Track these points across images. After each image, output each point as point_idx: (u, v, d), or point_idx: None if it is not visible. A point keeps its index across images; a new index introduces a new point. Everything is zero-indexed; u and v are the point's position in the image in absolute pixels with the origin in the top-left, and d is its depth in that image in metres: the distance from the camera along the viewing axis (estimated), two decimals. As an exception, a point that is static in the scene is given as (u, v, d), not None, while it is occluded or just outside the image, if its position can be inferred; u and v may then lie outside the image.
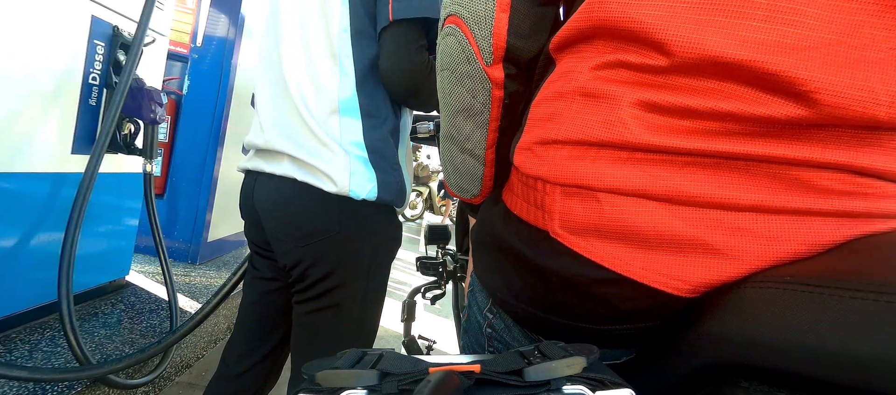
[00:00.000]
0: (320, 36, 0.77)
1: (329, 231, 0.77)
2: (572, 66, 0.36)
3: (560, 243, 0.34)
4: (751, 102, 0.27)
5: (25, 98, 1.19)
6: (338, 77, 0.76)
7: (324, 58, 0.77)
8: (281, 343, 0.93)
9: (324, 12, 0.76)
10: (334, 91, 0.76)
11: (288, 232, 0.78)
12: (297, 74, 0.78)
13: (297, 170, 0.77)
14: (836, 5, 0.25)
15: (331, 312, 0.81)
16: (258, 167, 0.83)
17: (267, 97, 0.82)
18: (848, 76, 0.25)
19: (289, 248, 0.79)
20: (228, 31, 2.34)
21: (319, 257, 0.78)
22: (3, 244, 1.20)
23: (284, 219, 0.79)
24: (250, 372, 0.90)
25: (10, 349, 1.21)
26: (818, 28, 0.26)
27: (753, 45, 0.26)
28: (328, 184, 0.75)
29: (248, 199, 0.86)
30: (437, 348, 1.50)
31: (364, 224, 0.79)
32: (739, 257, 0.29)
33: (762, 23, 0.26)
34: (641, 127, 0.31)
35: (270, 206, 0.80)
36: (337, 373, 0.24)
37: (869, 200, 0.28)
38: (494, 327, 0.45)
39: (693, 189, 0.29)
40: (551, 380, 0.24)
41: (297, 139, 0.77)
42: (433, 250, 1.40)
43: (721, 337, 0.27)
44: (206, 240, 2.42)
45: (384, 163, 0.79)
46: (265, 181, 0.81)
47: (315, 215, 0.77)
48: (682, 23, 0.28)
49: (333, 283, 0.79)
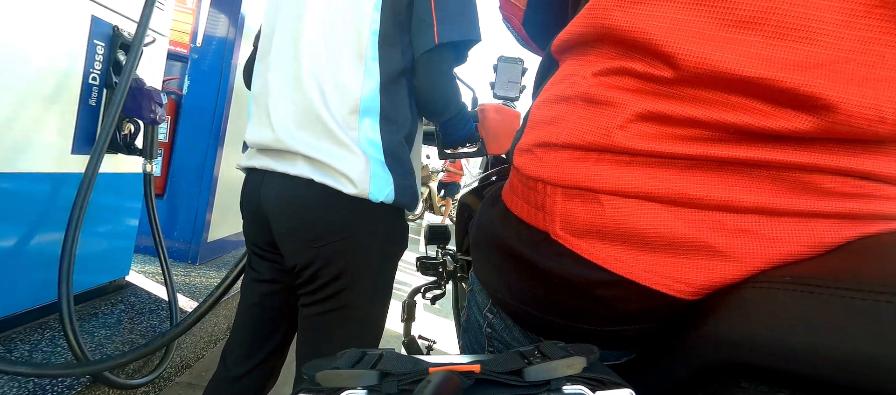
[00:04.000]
0: (348, 36, 0.76)
1: (343, 232, 0.77)
2: (575, 69, 0.36)
3: (561, 245, 0.34)
4: (758, 114, 0.27)
5: (25, 98, 1.19)
6: (362, 78, 0.76)
7: (350, 58, 0.77)
8: (281, 345, 0.93)
9: (354, 14, 0.76)
10: (357, 91, 0.76)
11: (300, 233, 0.77)
12: (318, 71, 0.77)
13: (314, 171, 0.75)
14: (844, 22, 0.25)
15: (339, 313, 0.81)
16: (266, 166, 0.80)
17: (278, 94, 0.80)
18: (857, 93, 0.25)
19: (300, 248, 0.78)
20: (228, 31, 2.33)
21: (331, 258, 0.77)
22: (3, 244, 1.20)
23: (297, 219, 0.77)
24: (251, 374, 0.90)
25: (10, 349, 1.21)
26: (827, 45, 0.26)
27: (765, 62, 0.26)
28: (347, 186, 0.74)
29: (253, 198, 0.83)
30: (437, 348, 1.50)
31: (377, 226, 0.79)
32: (742, 258, 0.29)
33: (772, 39, 0.26)
34: (643, 136, 0.31)
35: (282, 206, 0.78)
36: (337, 373, 0.24)
37: (871, 202, 0.28)
38: (494, 327, 0.45)
39: (695, 191, 0.29)
40: (551, 380, 0.24)
41: (313, 139, 0.76)
42: (433, 250, 1.40)
43: (721, 338, 0.27)
44: (206, 240, 2.42)
45: (400, 167, 0.80)
46: (275, 181, 0.79)
47: (330, 216, 0.76)
48: (689, 37, 0.28)
49: (344, 284, 0.79)
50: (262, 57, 0.86)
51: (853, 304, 0.22)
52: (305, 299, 0.83)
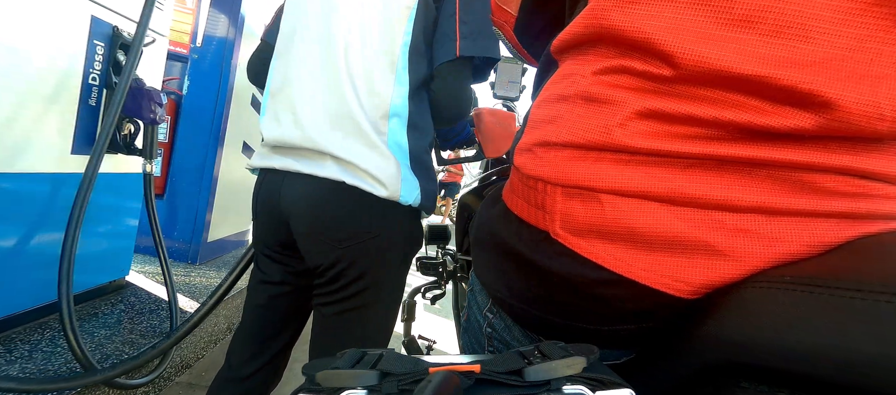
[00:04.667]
0: (382, 45, 0.79)
1: (371, 232, 0.78)
2: (574, 69, 0.36)
3: (561, 244, 0.34)
4: (757, 112, 0.27)
5: (25, 98, 1.19)
6: (393, 85, 0.80)
7: (382, 66, 0.79)
8: (286, 346, 0.94)
9: (389, 24, 0.79)
10: (388, 97, 0.79)
11: (328, 233, 0.78)
12: (354, 76, 0.79)
13: (345, 173, 0.76)
14: (841, 20, 0.26)
15: (358, 312, 0.83)
16: (287, 167, 0.80)
17: (309, 94, 0.80)
18: (855, 90, 0.25)
19: (325, 248, 0.79)
20: (228, 32, 2.33)
21: (356, 258, 0.79)
22: (3, 244, 1.20)
23: (326, 220, 0.78)
24: (256, 375, 0.90)
25: (10, 349, 1.21)
26: (825, 43, 0.26)
27: (763, 60, 0.26)
28: (379, 188, 0.76)
29: (271, 199, 0.83)
30: (437, 348, 1.50)
31: (401, 227, 0.82)
32: (741, 258, 0.29)
33: (770, 37, 0.26)
34: (643, 133, 0.31)
35: (307, 207, 0.78)
36: (337, 373, 0.24)
37: (872, 201, 0.28)
38: (494, 327, 0.45)
39: (695, 190, 0.29)
40: (551, 380, 0.24)
41: (345, 140, 0.77)
42: (433, 250, 1.40)
43: (721, 337, 0.27)
44: (206, 240, 2.42)
45: (426, 171, 0.84)
46: (300, 182, 0.79)
47: (359, 217, 0.78)
48: (688, 35, 0.28)
49: (365, 284, 0.81)
50: (281, 55, 0.86)
51: (853, 304, 0.22)
52: (325, 298, 0.84)
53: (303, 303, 0.92)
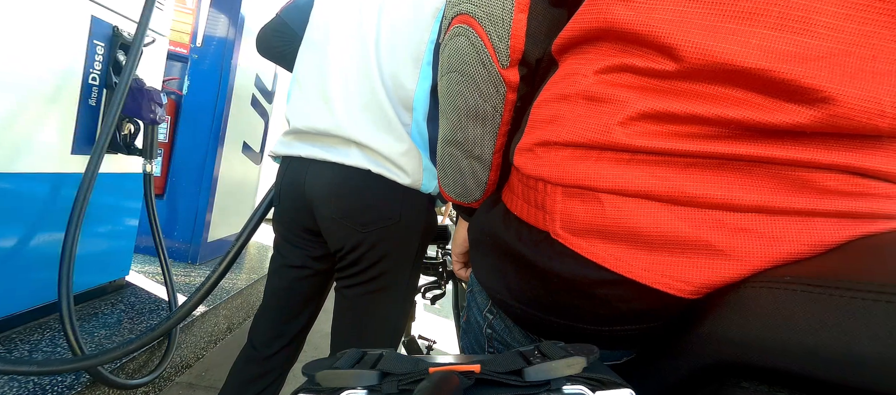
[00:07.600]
0: (410, 40, 0.83)
1: (393, 217, 0.83)
2: (576, 68, 0.36)
3: (561, 244, 0.34)
4: (758, 108, 0.27)
5: (25, 98, 1.19)
6: (417, 80, 0.84)
7: (407, 59, 0.83)
8: (306, 325, 1.00)
9: (416, 21, 0.83)
10: (412, 91, 0.83)
11: (353, 217, 0.83)
12: (383, 68, 0.83)
13: (370, 161, 0.81)
14: (845, 15, 0.25)
15: (381, 294, 0.88)
16: (312, 155, 0.85)
17: (342, 83, 0.84)
18: (857, 86, 0.25)
19: (349, 232, 0.83)
20: (228, 32, 2.33)
21: (378, 241, 0.84)
22: (3, 244, 1.20)
23: (350, 206, 0.82)
24: (279, 353, 0.96)
25: (10, 349, 1.21)
26: (828, 37, 0.26)
27: (766, 53, 0.26)
28: (403, 176, 0.81)
29: (295, 186, 0.87)
30: (437, 348, 1.50)
31: (420, 214, 0.87)
32: (742, 257, 0.29)
33: (773, 30, 0.26)
34: (644, 132, 0.31)
35: (333, 193, 0.83)
36: (337, 373, 0.24)
37: (872, 201, 0.28)
38: (494, 328, 0.45)
39: (696, 190, 0.29)
40: (551, 380, 0.24)
41: (374, 128, 0.82)
42: (433, 250, 1.40)
43: (721, 337, 0.27)
44: (206, 240, 2.42)
45: None
46: (325, 169, 0.83)
47: (382, 202, 0.83)
48: (692, 28, 0.28)
49: (386, 266, 0.86)
50: (315, 46, 0.90)
51: (853, 304, 0.22)
52: (347, 280, 0.89)
53: (322, 286, 0.99)
